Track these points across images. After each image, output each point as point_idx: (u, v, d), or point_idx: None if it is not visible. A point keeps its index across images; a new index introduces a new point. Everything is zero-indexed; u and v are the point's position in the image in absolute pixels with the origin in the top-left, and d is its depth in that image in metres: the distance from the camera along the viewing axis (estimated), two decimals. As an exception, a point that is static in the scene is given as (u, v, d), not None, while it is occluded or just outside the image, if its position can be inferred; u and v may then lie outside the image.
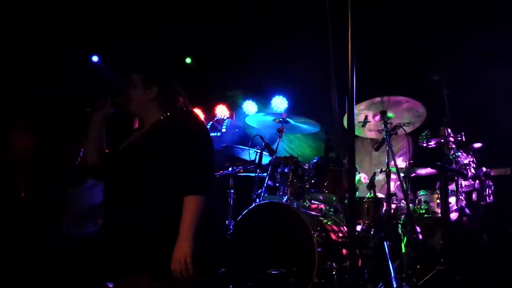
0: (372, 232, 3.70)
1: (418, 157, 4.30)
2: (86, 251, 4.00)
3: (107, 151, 2.48)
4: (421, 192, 3.90)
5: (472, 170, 3.67)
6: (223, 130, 5.74)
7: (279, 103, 5.80)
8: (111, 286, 3.89)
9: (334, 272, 3.33)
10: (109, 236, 2.29)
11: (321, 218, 3.79)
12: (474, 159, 3.76)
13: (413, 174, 4.01)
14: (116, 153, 2.42)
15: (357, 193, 4.27)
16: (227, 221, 4.30)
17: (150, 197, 2.22)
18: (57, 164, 4.63)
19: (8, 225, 4.88)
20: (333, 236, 3.63)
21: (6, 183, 5.08)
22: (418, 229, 3.61)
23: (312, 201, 4.06)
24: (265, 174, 4.12)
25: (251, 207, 3.77)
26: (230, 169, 4.62)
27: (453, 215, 3.64)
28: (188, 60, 6.35)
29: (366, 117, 3.91)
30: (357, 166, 4.13)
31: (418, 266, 3.43)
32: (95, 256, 3.78)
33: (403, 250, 3.57)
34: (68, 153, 4.32)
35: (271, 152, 4.15)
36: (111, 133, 2.54)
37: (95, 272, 3.76)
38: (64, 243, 4.21)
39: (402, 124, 3.83)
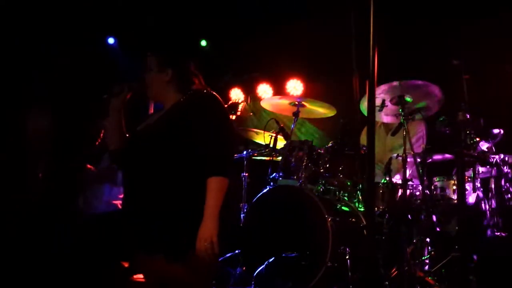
0: (386, 218, 3.69)
1: (435, 142, 4.25)
2: (101, 230, 4.05)
3: (127, 135, 2.49)
4: (437, 178, 3.86)
5: (490, 157, 3.62)
6: (238, 113, 5.72)
7: (295, 86, 5.75)
8: (126, 265, 3.96)
9: (347, 257, 3.34)
10: (128, 217, 2.32)
11: (335, 202, 3.79)
12: (492, 146, 3.70)
13: (430, 160, 3.97)
14: (135, 135, 2.43)
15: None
16: (241, 204, 4.32)
17: (170, 178, 2.23)
18: (74, 145, 4.67)
19: (25, 205, 4.96)
20: (347, 221, 3.63)
21: (24, 163, 5.15)
22: (434, 215, 3.58)
23: (327, 185, 4.05)
24: (280, 158, 4.11)
25: (265, 190, 3.77)
26: (244, 152, 4.63)
27: (470, 202, 3.61)
28: (203, 43, 6.32)
29: (383, 101, 3.85)
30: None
31: (433, 252, 3.42)
32: (111, 235, 3.83)
33: (418, 236, 3.55)
34: (86, 134, 4.36)
35: (286, 136, 4.14)
36: (128, 117, 2.54)
37: (111, 251, 3.81)
38: (80, 222, 4.27)
39: (419, 109, 3.78)
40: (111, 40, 6.17)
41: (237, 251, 3.88)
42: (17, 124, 5.24)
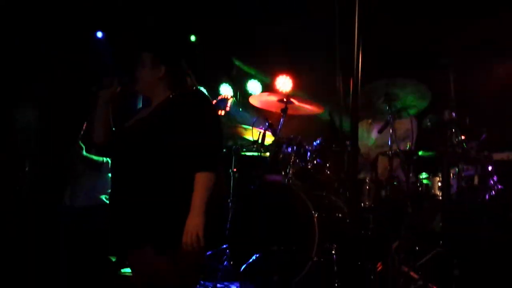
0: (372, 214, 3.74)
1: (421, 140, 4.31)
2: (88, 225, 4.06)
3: (113, 129, 2.51)
4: (423, 175, 3.92)
5: (475, 154, 3.68)
6: (227, 109, 5.74)
7: (284, 83, 5.76)
8: (114, 260, 3.97)
9: (333, 252, 3.38)
10: (116, 211, 2.34)
11: (322, 198, 3.83)
12: (477, 143, 3.76)
13: (416, 157, 4.02)
14: (124, 130, 2.44)
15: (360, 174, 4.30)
16: (229, 199, 4.35)
17: (159, 172, 2.26)
18: (60, 139, 4.66)
19: (11, 199, 4.94)
20: (334, 216, 3.67)
21: (10, 157, 5.12)
22: (419, 211, 3.63)
23: (314, 181, 4.09)
24: (268, 154, 4.14)
25: (253, 186, 3.80)
26: (233, 148, 4.65)
27: (454, 199, 3.66)
28: (192, 38, 6.31)
29: (370, 99, 3.90)
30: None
31: (417, 248, 3.47)
32: (98, 229, 3.84)
33: (403, 232, 3.61)
34: (72, 128, 4.35)
35: (274, 132, 4.17)
36: (116, 111, 2.55)
37: (98, 246, 3.82)
38: (67, 217, 4.27)
39: (406, 107, 3.83)
40: (99, 34, 6.13)
41: (224, 246, 3.91)
42: (4, 118, 5.21)
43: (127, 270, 3.84)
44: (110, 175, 3.98)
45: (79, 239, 4.00)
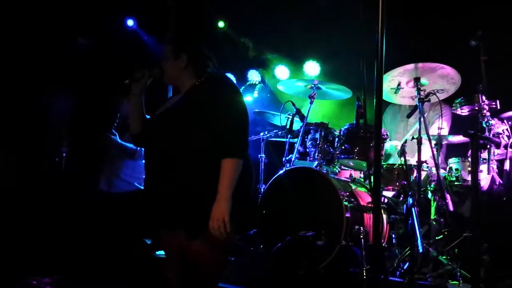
0: (401, 198, 3.75)
1: (451, 124, 4.27)
2: (122, 209, 4.19)
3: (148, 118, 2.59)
4: (453, 160, 3.89)
5: (506, 139, 3.62)
6: (255, 95, 5.78)
7: (312, 68, 5.76)
8: (149, 242, 4.11)
9: (361, 236, 3.42)
10: (150, 196, 2.43)
11: (350, 183, 3.85)
12: (508, 128, 3.70)
13: (445, 142, 3.99)
14: (154, 118, 2.53)
15: (390, 159, 4.30)
16: (258, 185, 4.42)
17: (190, 159, 2.33)
18: (96, 126, 4.80)
19: (48, 182, 5.15)
20: (362, 201, 3.70)
21: (49, 142, 5.32)
22: (448, 196, 3.62)
23: (342, 167, 4.12)
24: (296, 139, 4.18)
25: (281, 171, 3.86)
26: (261, 134, 4.71)
27: (484, 183, 3.63)
28: (221, 24, 6.35)
29: (399, 84, 3.87)
30: (387, 133, 4.13)
31: (446, 232, 3.47)
32: (132, 213, 3.98)
33: (432, 217, 3.61)
34: (107, 116, 4.47)
35: (302, 118, 4.20)
36: (146, 100, 2.63)
37: (133, 229, 3.96)
38: (101, 201, 4.40)
39: (435, 91, 3.79)
40: (130, 22, 6.21)
41: (254, 230, 3.99)
42: (40, 103, 5.39)
43: (162, 252, 3.98)
44: (143, 162, 4.14)
45: (114, 222, 4.14)
